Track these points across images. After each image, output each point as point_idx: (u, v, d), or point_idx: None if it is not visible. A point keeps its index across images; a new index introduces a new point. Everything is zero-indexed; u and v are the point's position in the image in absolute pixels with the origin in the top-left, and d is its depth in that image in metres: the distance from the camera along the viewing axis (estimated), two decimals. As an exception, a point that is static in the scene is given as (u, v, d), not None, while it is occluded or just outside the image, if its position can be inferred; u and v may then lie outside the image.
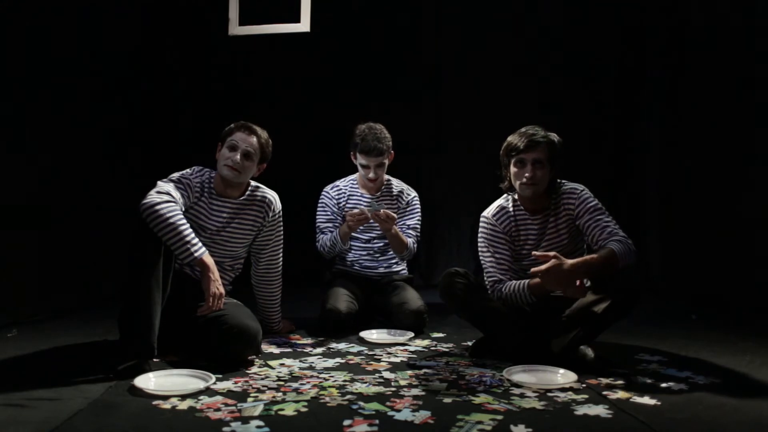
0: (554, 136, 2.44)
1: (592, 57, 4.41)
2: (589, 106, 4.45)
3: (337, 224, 3.08)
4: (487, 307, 2.41)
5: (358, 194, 3.13)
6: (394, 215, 2.91)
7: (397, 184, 3.20)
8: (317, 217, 3.13)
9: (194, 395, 1.87)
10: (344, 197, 3.13)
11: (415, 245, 3.10)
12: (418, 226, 3.15)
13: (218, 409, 1.76)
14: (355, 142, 3.00)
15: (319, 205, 3.14)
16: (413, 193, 3.20)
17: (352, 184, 3.16)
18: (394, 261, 3.17)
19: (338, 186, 3.16)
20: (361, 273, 3.14)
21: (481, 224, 2.54)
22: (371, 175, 3.02)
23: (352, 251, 3.14)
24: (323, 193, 3.16)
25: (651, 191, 4.29)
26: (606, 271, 2.20)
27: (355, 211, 2.91)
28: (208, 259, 2.23)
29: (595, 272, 2.21)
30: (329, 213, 3.10)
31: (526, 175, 2.36)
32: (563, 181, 2.51)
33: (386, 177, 3.17)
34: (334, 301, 2.86)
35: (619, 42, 4.39)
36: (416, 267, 4.34)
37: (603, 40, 4.40)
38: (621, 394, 1.91)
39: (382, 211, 2.84)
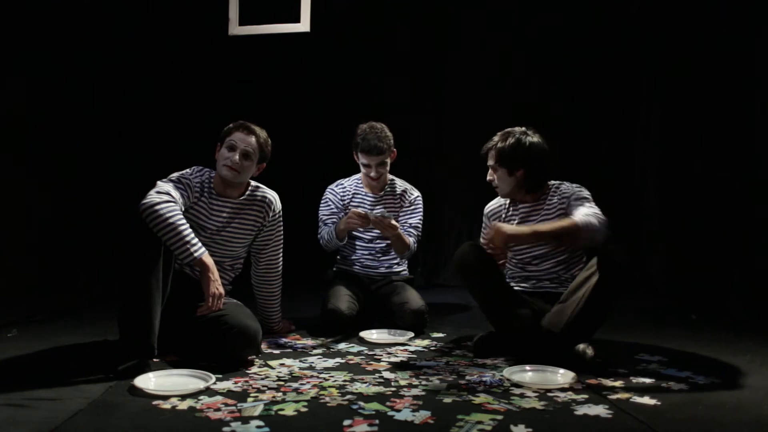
0: (511, 140, 2.50)
1: (591, 56, 4.41)
2: (589, 107, 4.45)
3: (339, 218, 3.08)
4: (498, 283, 2.42)
5: (362, 193, 3.15)
6: (396, 224, 2.91)
7: (400, 184, 3.20)
8: (320, 210, 3.14)
9: (194, 395, 1.87)
10: (348, 196, 3.14)
11: (416, 245, 3.11)
12: (420, 226, 3.16)
13: (218, 409, 1.76)
14: (356, 141, 3.01)
15: (323, 200, 3.15)
16: (416, 193, 3.20)
17: (357, 183, 3.17)
18: (395, 261, 3.18)
19: (343, 184, 3.18)
20: (363, 273, 3.14)
21: None
22: (373, 173, 3.03)
23: (355, 251, 3.15)
24: (328, 190, 3.17)
25: (651, 191, 4.29)
26: (566, 240, 2.38)
27: (360, 210, 2.91)
28: (208, 260, 2.23)
29: (547, 238, 2.37)
30: (332, 207, 3.11)
31: (488, 178, 2.59)
32: (563, 182, 2.56)
33: (390, 177, 3.18)
34: (335, 301, 2.86)
35: (619, 41, 4.39)
36: (417, 267, 4.35)
37: (603, 41, 4.40)
38: (621, 394, 1.91)
39: (387, 220, 2.84)
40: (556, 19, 4.42)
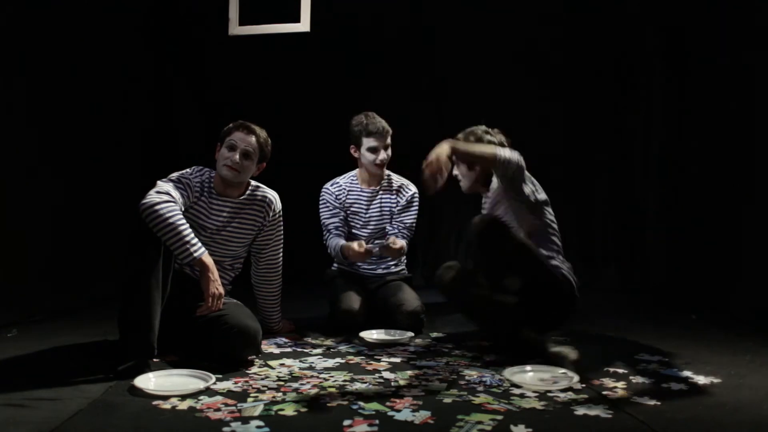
0: (471, 139, 2.76)
1: (591, 56, 4.42)
2: (590, 107, 4.45)
3: (341, 218, 3.08)
4: (474, 295, 2.55)
5: (358, 189, 3.14)
6: (400, 243, 2.93)
7: (397, 179, 3.20)
8: (321, 214, 3.13)
9: (194, 395, 1.87)
10: (344, 193, 3.13)
11: (407, 246, 3.11)
12: (414, 226, 3.16)
13: (218, 409, 1.76)
14: (359, 129, 3.02)
15: (321, 202, 3.15)
16: (414, 189, 3.18)
17: (352, 180, 3.17)
18: (392, 263, 3.18)
19: (338, 182, 3.17)
20: (360, 273, 3.14)
21: None
22: (382, 156, 3.02)
23: None
24: (323, 190, 3.16)
25: (652, 191, 4.29)
26: (483, 164, 2.65)
27: (357, 246, 2.86)
28: (208, 260, 2.23)
29: (462, 156, 2.65)
30: (331, 208, 3.11)
31: (453, 173, 2.79)
32: None
33: (386, 172, 3.18)
34: (348, 302, 2.87)
35: (620, 43, 4.39)
36: (417, 267, 4.35)
37: (603, 40, 4.40)
38: (621, 394, 1.91)
39: (390, 247, 2.89)
40: (557, 20, 4.43)
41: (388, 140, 3.05)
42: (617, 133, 4.46)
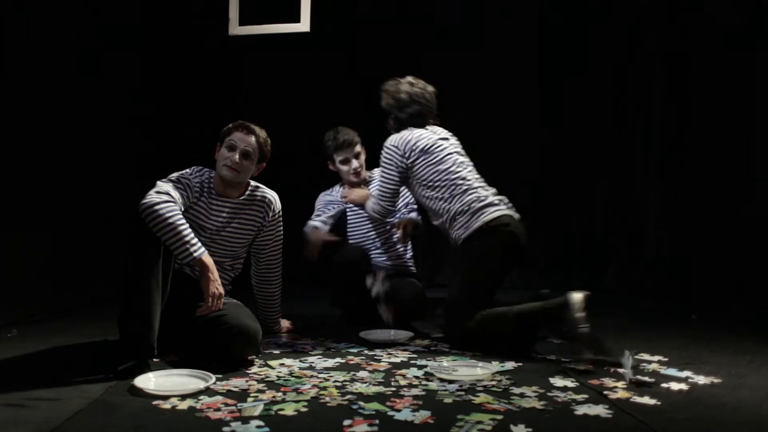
0: None
1: (592, 58, 4.42)
2: (589, 107, 4.45)
3: (331, 209, 3.22)
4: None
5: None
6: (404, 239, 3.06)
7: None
8: (317, 203, 3.30)
9: (194, 395, 1.87)
10: (337, 199, 3.26)
11: (419, 216, 3.22)
12: (411, 202, 3.24)
13: (218, 409, 1.76)
14: (329, 146, 3.17)
15: (319, 200, 3.31)
16: None
17: (342, 188, 3.30)
18: (399, 256, 3.24)
19: (329, 192, 3.33)
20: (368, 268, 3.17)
21: None
22: (354, 165, 3.14)
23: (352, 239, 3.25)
24: (320, 196, 3.32)
25: (652, 191, 4.29)
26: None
27: (312, 248, 3.04)
28: (208, 260, 2.23)
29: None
30: (325, 202, 3.27)
31: None
32: None
33: (367, 173, 3.26)
34: (350, 253, 3.02)
35: (620, 43, 4.39)
36: (418, 267, 4.34)
37: (605, 39, 4.40)
38: (621, 394, 1.91)
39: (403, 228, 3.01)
40: (558, 20, 4.43)
41: (357, 149, 3.16)
42: (618, 133, 4.46)
